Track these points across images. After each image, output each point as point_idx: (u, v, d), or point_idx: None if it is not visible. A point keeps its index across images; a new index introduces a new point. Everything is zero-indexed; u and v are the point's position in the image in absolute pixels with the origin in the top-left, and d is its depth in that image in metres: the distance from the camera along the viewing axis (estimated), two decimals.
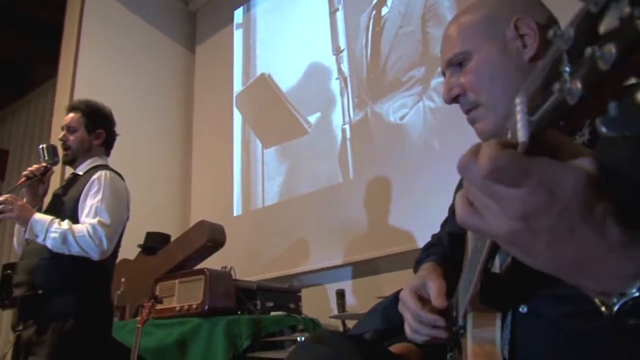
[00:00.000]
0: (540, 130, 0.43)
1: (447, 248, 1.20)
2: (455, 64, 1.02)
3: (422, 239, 3.04)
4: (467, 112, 1.02)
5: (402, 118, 3.55)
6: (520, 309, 0.78)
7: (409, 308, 0.96)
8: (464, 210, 0.51)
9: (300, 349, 0.98)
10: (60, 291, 2.27)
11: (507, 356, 0.77)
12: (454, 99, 1.03)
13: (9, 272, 4.18)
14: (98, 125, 2.53)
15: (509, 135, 0.47)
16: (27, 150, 6.17)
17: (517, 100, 0.45)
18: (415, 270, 1.18)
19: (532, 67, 0.94)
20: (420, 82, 3.50)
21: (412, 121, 3.48)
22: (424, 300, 0.96)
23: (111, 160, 2.64)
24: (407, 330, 0.96)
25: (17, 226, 2.46)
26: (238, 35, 5.10)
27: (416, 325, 0.94)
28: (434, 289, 0.93)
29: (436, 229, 1.37)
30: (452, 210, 1.28)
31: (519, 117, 0.44)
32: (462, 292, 0.87)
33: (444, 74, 1.07)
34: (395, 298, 1.23)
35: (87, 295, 2.31)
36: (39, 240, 2.25)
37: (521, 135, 0.43)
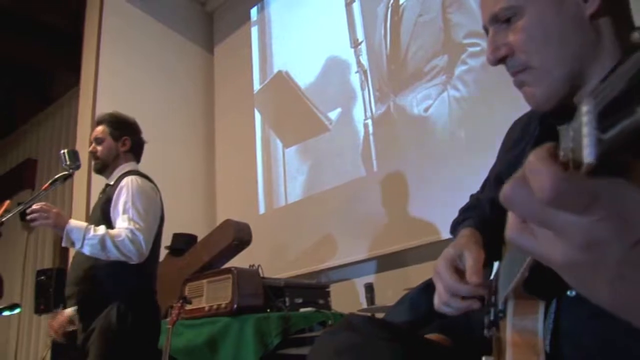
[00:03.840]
0: (612, 152, 0.35)
1: (488, 214, 1.11)
2: (502, 20, 0.90)
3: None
4: (514, 74, 0.92)
5: (426, 110, 3.49)
6: (568, 293, 0.72)
7: (442, 279, 0.90)
8: (514, 226, 0.44)
9: (327, 335, 0.92)
10: (105, 298, 2.31)
11: (548, 348, 0.72)
12: (500, 60, 0.92)
13: (42, 278, 4.26)
14: (123, 132, 2.62)
15: (571, 145, 0.39)
16: (55, 158, 6.27)
17: (585, 109, 0.37)
18: (453, 233, 1.12)
19: (593, 26, 0.84)
20: (443, 72, 3.43)
21: (437, 112, 3.42)
22: (459, 272, 0.89)
23: None
24: (436, 301, 0.91)
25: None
26: (255, 34, 5.09)
27: (448, 297, 0.88)
28: (471, 262, 0.87)
29: None
30: (493, 174, 1.18)
31: (585, 130, 0.36)
32: (504, 275, 0.81)
33: (486, 29, 0.95)
34: (422, 288, 1.18)
35: (133, 300, 2.35)
36: (77, 247, 2.28)
37: (587, 154, 0.36)
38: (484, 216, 1.10)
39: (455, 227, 1.14)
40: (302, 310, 2.95)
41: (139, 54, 4.88)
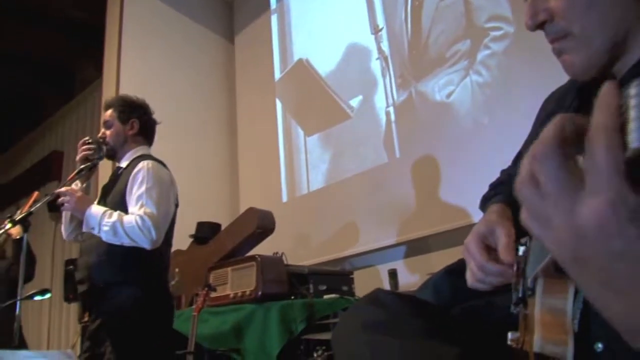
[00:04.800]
0: None
1: None
2: None
3: (473, 216, 2.99)
4: (552, 41, 0.87)
5: (448, 96, 3.45)
6: None
7: (474, 257, 0.89)
8: (525, 213, 0.44)
9: (354, 310, 0.92)
10: (120, 284, 2.30)
11: (577, 327, 0.70)
12: (539, 26, 0.86)
13: (71, 267, 4.34)
14: (130, 115, 2.53)
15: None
16: None
17: (633, 91, 0.36)
18: (482, 208, 1.10)
19: None
20: (466, 57, 3.39)
21: (460, 98, 3.39)
22: (490, 249, 0.89)
23: (159, 153, 2.65)
24: (469, 278, 0.91)
25: (64, 216, 2.51)
26: (275, 22, 5.08)
27: (481, 275, 0.88)
28: (503, 240, 0.86)
29: None
30: (527, 147, 1.18)
31: (632, 113, 0.35)
32: (534, 253, 0.79)
33: None
34: (445, 273, 1.17)
35: (146, 286, 2.33)
36: (95, 232, 2.29)
37: (634, 139, 0.35)
38: (514, 191, 1.09)
39: (484, 203, 1.13)
40: (326, 297, 2.97)
41: (160, 45, 4.91)
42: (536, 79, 2.82)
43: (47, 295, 2.55)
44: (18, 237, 3.38)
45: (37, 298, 2.52)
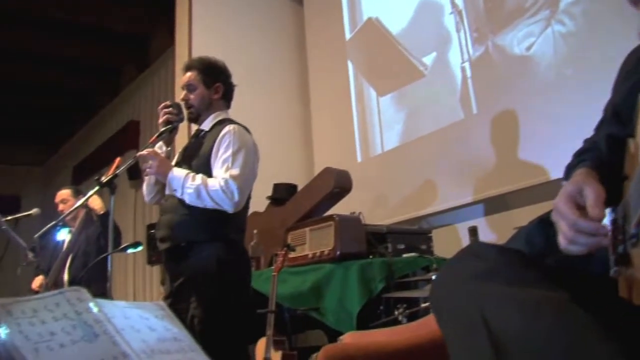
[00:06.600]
0: None
1: (606, 153, 1.05)
2: None
3: (555, 171, 2.88)
4: None
5: (528, 48, 3.29)
6: None
7: (564, 217, 0.85)
8: None
9: (453, 262, 0.91)
10: (202, 243, 2.34)
11: None
12: None
13: (153, 231, 4.54)
14: (215, 79, 2.53)
15: None
16: (156, 118, 6.47)
17: None
18: (567, 177, 1.06)
19: None
20: (547, 5, 3.20)
21: (541, 50, 3.22)
22: (581, 208, 0.84)
23: (234, 117, 2.66)
24: (562, 241, 0.85)
25: (147, 179, 2.57)
26: None
27: (573, 234, 0.83)
28: (592, 196, 0.82)
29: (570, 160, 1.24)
30: (609, 109, 1.11)
31: None
32: (634, 198, 0.76)
33: None
34: (538, 223, 1.14)
35: (227, 245, 2.37)
36: (177, 194, 2.34)
37: None
38: (600, 157, 1.04)
39: (569, 171, 1.08)
40: (404, 255, 2.96)
41: (230, 10, 4.96)
42: (626, 25, 2.63)
43: (139, 248, 2.64)
44: (102, 212, 3.50)
45: (130, 251, 2.63)
